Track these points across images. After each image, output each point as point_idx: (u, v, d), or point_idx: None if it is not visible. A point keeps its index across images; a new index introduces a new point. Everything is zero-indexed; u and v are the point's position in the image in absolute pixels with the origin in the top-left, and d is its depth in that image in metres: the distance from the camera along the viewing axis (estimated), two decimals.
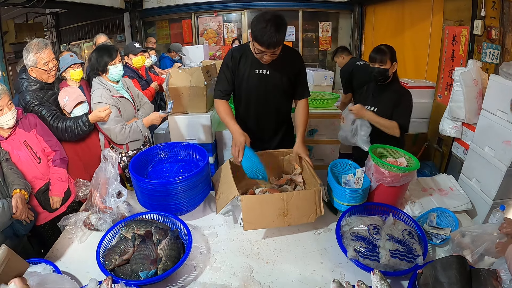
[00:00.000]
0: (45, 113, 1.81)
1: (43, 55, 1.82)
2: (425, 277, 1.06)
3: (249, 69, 1.70)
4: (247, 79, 1.72)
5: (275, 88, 1.75)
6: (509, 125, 1.65)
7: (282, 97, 1.81)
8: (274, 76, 1.71)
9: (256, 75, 1.70)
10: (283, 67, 1.70)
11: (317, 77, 3.74)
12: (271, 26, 1.44)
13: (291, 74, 1.74)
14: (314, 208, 1.44)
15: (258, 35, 1.46)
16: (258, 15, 1.49)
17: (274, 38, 1.45)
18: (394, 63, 1.83)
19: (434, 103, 3.15)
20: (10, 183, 1.42)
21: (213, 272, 1.29)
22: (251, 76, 1.71)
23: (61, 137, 1.84)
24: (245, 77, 1.71)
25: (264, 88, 1.73)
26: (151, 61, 3.58)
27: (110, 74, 1.91)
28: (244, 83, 1.73)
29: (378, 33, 5.00)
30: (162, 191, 1.47)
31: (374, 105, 1.92)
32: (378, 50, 1.83)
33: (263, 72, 1.70)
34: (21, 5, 4.02)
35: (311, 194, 1.44)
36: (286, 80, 1.74)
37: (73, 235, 1.49)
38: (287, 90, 1.79)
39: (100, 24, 6.65)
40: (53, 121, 1.81)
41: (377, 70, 1.83)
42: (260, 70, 1.70)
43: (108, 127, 1.87)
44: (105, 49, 1.93)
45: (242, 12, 6.05)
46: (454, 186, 1.82)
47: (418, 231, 1.38)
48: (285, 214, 1.40)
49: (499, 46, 2.39)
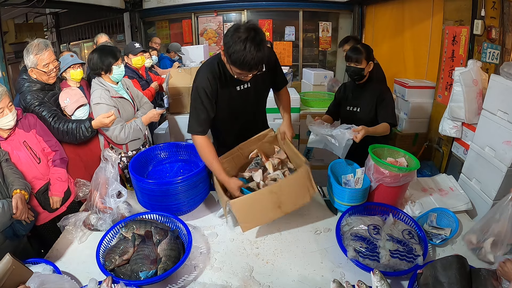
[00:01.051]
0: (45, 114, 1.80)
1: (43, 57, 1.81)
2: (425, 277, 1.06)
3: (230, 88, 1.52)
4: (230, 99, 1.55)
5: (258, 97, 1.68)
6: (509, 125, 1.65)
7: (263, 102, 1.76)
8: (255, 86, 1.58)
9: (238, 92, 1.55)
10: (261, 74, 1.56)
11: (317, 77, 3.74)
12: (249, 46, 1.23)
13: (267, 75, 1.62)
14: (306, 188, 1.43)
15: (236, 60, 1.26)
16: (231, 33, 1.27)
17: (255, 59, 1.26)
18: (370, 62, 1.84)
19: (434, 103, 3.14)
20: (10, 183, 1.42)
21: (213, 272, 1.29)
22: (233, 95, 1.55)
23: (61, 139, 1.84)
24: (228, 97, 1.54)
25: (249, 102, 1.62)
26: (152, 61, 3.58)
27: (114, 74, 1.91)
28: (227, 103, 1.56)
29: (378, 33, 5.00)
30: (162, 191, 1.47)
31: (357, 105, 1.93)
32: (354, 50, 1.85)
33: (245, 86, 1.56)
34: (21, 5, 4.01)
35: (299, 176, 1.43)
36: (265, 84, 1.66)
37: (73, 235, 1.49)
38: (267, 93, 1.73)
39: (100, 24, 6.64)
40: (54, 122, 1.81)
41: (352, 69, 1.85)
42: (241, 86, 1.55)
43: (107, 128, 1.86)
44: (108, 49, 1.92)
45: (242, 12, 6.04)
46: (454, 186, 1.82)
47: (418, 231, 1.38)
48: (279, 205, 1.39)
49: (499, 46, 2.39)
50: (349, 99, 1.98)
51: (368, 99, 1.88)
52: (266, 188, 1.41)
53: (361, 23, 5.54)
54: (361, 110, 1.91)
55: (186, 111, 2.19)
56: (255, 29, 1.26)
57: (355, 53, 1.83)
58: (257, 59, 1.26)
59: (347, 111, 1.97)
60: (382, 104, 1.84)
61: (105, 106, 1.83)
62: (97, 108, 1.84)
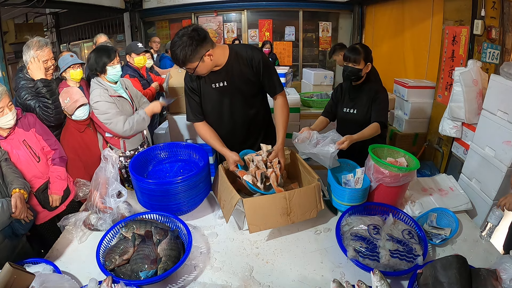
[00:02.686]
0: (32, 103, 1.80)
1: (43, 53, 1.84)
2: (425, 277, 1.06)
3: (206, 85, 1.63)
4: (207, 96, 1.65)
5: (237, 96, 1.65)
6: (509, 125, 1.65)
7: (249, 103, 1.70)
8: (232, 85, 1.61)
9: (214, 90, 1.62)
10: (239, 72, 1.59)
11: (317, 77, 3.75)
12: (176, 47, 1.41)
13: (250, 75, 1.61)
14: (314, 204, 1.46)
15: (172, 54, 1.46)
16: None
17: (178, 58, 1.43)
18: (368, 63, 1.81)
19: (434, 103, 3.15)
20: (9, 182, 1.42)
21: (213, 272, 1.29)
22: (209, 92, 1.64)
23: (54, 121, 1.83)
24: (205, 94, 1.65)
25: (228, 100, 1.66)
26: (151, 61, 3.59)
27: (109, 75, 1.91)
28: (206, 100, 1.67)
29: (378, 33, 5.00)
30: (162, 191, 1.47)
31: (353, 107, 1.90)
32: (353, 50, 1.81)
33: (220, 84, 1.61)
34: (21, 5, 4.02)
35: (311, 190, 1.45)
36: (247, 84, 1.63)
37: (73, 235, 1.49)
38: (253, 94, 1.69)
39: (100, 24, 6.64)
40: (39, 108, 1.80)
41: (349, 70, 1.81)
42: (217, 84, 1.61)
43: (111, 121, 1.87)
44: (103, 49, 1.92)
45: (242, 12, 6.05)
46: (454, 186, 1.82)
47: (418, 231, 1.38)
48: (288, 213, 1.40)
49: (499, 46, 2.39)
50: (346, 100, 1.95)
51: (364, 100, 1.85)
52: (279, 193, 1.42)
53: (361, 23, 5.55)
54: (357, 111, 1.88)
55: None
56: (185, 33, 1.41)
57: (354, 53, 1.79)
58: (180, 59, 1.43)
59: (344, 112, 1.94)
60: (375, 103, 1.81)
61: (105, 103, 1.85)
62: (96, 106, 1.85)
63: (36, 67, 1.80)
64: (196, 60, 1.44)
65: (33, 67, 1.80)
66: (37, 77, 1.79)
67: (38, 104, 1.80)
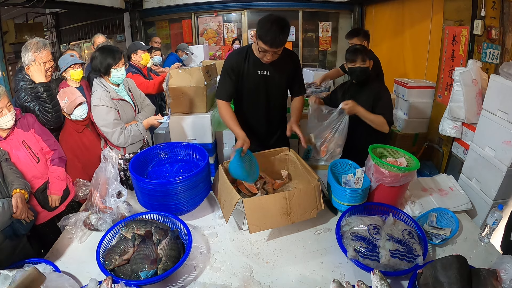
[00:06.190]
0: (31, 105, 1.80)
1: (41, 55, 1.83)
2: (425, 277, 1.06)
3: (251, 70, 1.76)
4: (249, 79, 1.78)
5: (275, 87, 1.83)
6: (509, 125, 1.65)
7: (280, 96, 1.91)
8: (274, 76, 1.78)
9: (257, 76, 1.77)
10: (282, 67, 1.77)
11: (317, 77, 3.70)
12: (276, 27, 1.52)
13: (290, 74, 1.82)
14: (314, 204, 1.46)
15: (263, 34, 1.55)
16: (265, 16, 1.58)
17: (277, 38, 1.54)
18: (370, 61, 1.87)
19: (434, 103, 3.15)
20: (10, 183, 1.42)
21: (213, 272, 1.29)
22: (253, 76, 1.78)
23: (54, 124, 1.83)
24: (248, 77, 1.78)
25: (265, 88, 1.81)
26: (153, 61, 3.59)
27: (113, 77, 1.87)
28: (246, 83, 1.80)
29: (378, 33, 5.00)
30: (162, 191, 1.47)
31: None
32: (357, 50, 1.85)
33: (264, 73, 1.77)
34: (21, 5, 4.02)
35: (311, 190, 1.46)
36: (285, 80, 1.83)
37: (73, 235, 1.49)
38: (285, 89, 1.91)
39: (100, 24, 6.64)
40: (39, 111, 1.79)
41: (360, 69, 1.84)
42: (261, 71, 1.76)
43: (107, 131, 1.85)
44: (109, 50, 1.86)
45: (242, 12, 6.05)
46: (454, 186, 1.82)
47: (418, 231, 1.38)
48: (289, 213, 1.40)
49: (499, 46, 2.39)
50: (346, 99, 1.95)
51: (367, 97, 1.86)
52: (280, 193, 1.42)
53: (361, 23, 5.55)
54: None
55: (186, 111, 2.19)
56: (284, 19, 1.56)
57: (360, 52, 1.83)
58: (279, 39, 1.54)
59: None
60: (379, 103, 1.83)
61: (105, 108, 1.82)
62: (96, 110, 1.83)
63: (37, 69, 1.79)
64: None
65: (34, 69, 1.79)
66: (38, 80, 1.78)
67: (38, 107, 1.79)
